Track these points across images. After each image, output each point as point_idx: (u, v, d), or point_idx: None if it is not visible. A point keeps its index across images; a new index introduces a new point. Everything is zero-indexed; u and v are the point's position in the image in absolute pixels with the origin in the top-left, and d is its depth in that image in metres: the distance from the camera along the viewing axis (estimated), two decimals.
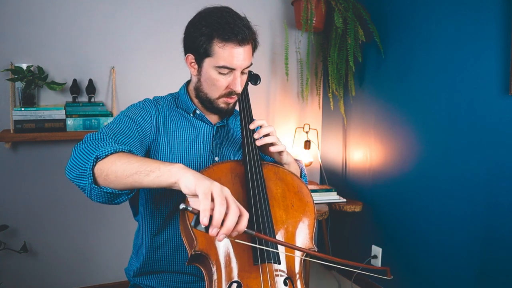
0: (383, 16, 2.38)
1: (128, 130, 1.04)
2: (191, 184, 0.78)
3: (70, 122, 2.07)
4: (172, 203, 1.15)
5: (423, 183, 2.14)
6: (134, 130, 1.06)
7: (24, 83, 2.01)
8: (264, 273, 0.94)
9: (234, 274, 0.93)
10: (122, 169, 0.84)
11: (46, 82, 2.08)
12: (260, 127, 1.13)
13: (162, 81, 2.40)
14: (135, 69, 2.35)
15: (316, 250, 1.02)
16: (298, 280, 0.98)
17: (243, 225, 0.78)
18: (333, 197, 2.50)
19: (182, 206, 0.74)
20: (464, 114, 1.92)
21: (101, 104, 2.17)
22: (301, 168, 1.26)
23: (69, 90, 2.18)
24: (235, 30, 1.04)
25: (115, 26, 2.29)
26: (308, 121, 2.85)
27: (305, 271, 2.30)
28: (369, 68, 2.50)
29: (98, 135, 0.96)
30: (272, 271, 0.95)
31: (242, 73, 1.11)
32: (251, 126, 1.13)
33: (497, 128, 1.78)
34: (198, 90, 1.17)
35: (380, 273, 1.07)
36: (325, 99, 2.83)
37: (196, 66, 1.13)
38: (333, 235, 2.84)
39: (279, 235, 1.01)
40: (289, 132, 2.84)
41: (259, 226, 0.96)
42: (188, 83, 1.25)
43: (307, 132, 2.72)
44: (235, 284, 0.92)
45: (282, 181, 1.10)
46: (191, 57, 1.13)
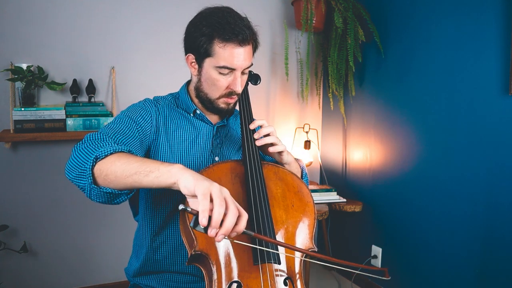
0: (383, 16, 2.37)
1: (128, 130, 1.04)
2: (190, 184, 0.78)
3: (70, 122, 2.07)
4: (172, 203, 1.14)
5: (423, 183, 2.14)
6: (134, 130, 1.06)
7: (24, 83, 2.01)
8: (264, 273, 0.94)
9: (234, 274, 0.93)
10: (121, 169, 0.84)
11: (46, 82, 2.08)
12: (260, 127, 1.13)
13: (162, 81, 2.40)
14: (135, 69, 2.35)
15: (316, 250, 1.02)
16: (298, 280, 0.98)
17: (242, 226, 0.78)
18: (333, 197, 2.50)
19: (181, 207, 0.75)
20: (464, 114, 1.92)
21: (101, 104, 2.17)
22: (302, 168, 1.26)
23: (69, 90, 2.18)
24: (235, 31, 1.04)
25: (115, 26, 2.29)
26: (308, 121, 2.85)
27: (305, 271, 2.30)
28: (369, 68, 2.50)
29: (98, 135, 0.96)
30: (272, 271, 0.95)
31: (243, 73, 1.11)
32: (251, 126, 1.13)
33: (497, 128, 1.78)
34: (198, 90, 1.17)
35: (378, 274, 1.07)
36: (325, 99, 2.83)
37: (196, 66, 1.13)
38: (333, 235, 2.84)
39: (279, 235, 1.01)
40: (289, 132, 2.84)
41: (259, 226, 0.96)
42: (188, 83, 1.25)
43: (307, 132, 2.72)
44: (235, 284, 0.92)
45: (282, 181, 1.10)
46: (191, 57, 1.13)
